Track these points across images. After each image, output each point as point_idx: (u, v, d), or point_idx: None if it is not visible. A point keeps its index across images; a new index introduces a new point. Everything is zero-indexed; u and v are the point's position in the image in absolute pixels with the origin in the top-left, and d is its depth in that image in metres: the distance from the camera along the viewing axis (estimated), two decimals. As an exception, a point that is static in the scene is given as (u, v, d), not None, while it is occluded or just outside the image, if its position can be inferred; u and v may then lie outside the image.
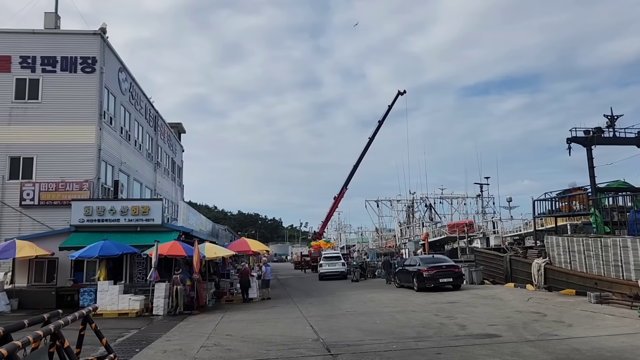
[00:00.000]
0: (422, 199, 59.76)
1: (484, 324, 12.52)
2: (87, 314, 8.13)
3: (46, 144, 24.56)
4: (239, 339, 12.32)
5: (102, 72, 25.81)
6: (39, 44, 25.59)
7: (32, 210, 23.85)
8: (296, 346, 10.88)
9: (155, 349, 11.36)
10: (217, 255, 21.30)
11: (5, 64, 25.07)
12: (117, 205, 22.38)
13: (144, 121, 34.37)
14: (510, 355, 8.89)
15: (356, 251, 61.14)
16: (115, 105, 28.07)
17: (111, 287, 18.69)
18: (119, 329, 14.62)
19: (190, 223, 26.53)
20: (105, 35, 26.49)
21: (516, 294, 19.61)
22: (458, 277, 22.80)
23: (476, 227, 52.67)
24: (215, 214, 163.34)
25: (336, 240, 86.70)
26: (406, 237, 54.29)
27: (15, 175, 24.33)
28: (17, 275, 20.96)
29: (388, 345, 10.38)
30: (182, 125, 51.11)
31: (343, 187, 61.10)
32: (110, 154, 26.71)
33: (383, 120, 60.96)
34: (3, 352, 5.24)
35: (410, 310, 16.36)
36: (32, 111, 24.89)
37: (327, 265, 36.63)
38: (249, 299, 22.56)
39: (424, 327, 12.58)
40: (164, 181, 39.82)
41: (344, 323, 14.11)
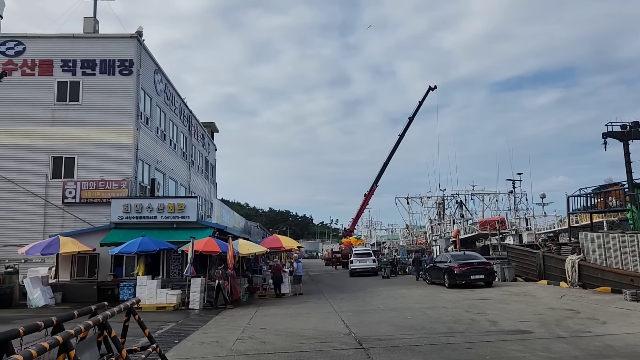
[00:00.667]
0: (452, 196, 59.24)
1: (516, 321, 12.55)
2: (131, 306, 8.59)
3: (87, 144, 25.53)
4: (272, 332, 12.68)
5: (139, 74, 26.65)
6: (79, 47, 26.60)
7: (74, 208, 24.85)
8: (329, 340, 11.17)
9: (193, 341, 11.82)
10: (250, 252, 21.78)
11: (48, 67, 26.15)
12: (154, 202, 23.10)
13: (179, 121, 35.23)
14: (541, 350, 8.97)
15: (387, 248, 61.00)
16: (152, 106, 28.92)
17: (149, 281, 19.37)
18: (157, 322, 15.18)
19: (224, 220, 27.14)
20: (142, 38, 27.32)
21: (549, 291, 19.45)
22: (490, 274, 22.71)
23: (508, 224, 52.02)
24: (247, 211, 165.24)
25: (367, 237, 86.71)
26: (437, 234, 53.93)
27: (58, 175, 25.38)
28: (61, 270, 21.89)
29: (419, 340, 10.57)
30: (214, 125, 52.05)
31: (373, 184, 61.07)
32: (146, 153, 27.55)
33: (413, 117, 60.66)
34: (59, 339, 5.69)
35: (441, 306, 16.46)
36: (73, 113, 25.90)
37: (357, 262, 36.86)
38: (282, 294, 23.00)
39: (455, 323, 12.70)
40: (197, 179, 40.72)
41: (375, 318, 14.33)
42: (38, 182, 25.04)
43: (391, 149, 60.93)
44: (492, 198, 64.09)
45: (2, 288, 20.30)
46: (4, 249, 23.22)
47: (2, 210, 24.42)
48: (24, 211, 24.61)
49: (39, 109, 25.65)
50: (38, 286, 19.89)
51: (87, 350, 6.86)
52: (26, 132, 25.32)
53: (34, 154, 25.25)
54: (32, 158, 25.20)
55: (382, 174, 61.02)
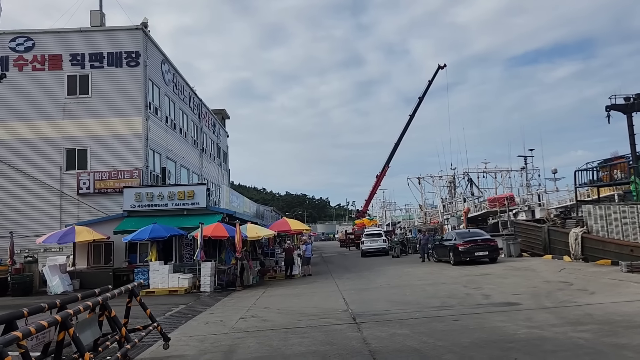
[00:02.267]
0: (464, 174, 59.26)
1: (509, 294, 12.95)
2: (133, 288, 9.21)
3: (98, 136, 26.28)
4: (275, 311, 13.29)
5: (146, 65, 27.19)
6: (87, 41, 27.20)
7: (88, 198, 25.70)
8: (326, 316, 11.71)
9: (198, 321, 12.47)
10: (258, 235, 22.38)
11: (57, 62, 26.84)
12: (165, 191, 23.80)
13: (188, 109, 35.81)
14: (523, 320, 9.38)
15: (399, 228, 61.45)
16: (160, 95, 29.50)
17: (162, 267, 20.15)
18: (168, 304, 15.91)
19: (234, 205, 27.78)
20: (147, 29, 27.81)
21: (550, 265, 19.75)
22: (494, 250, 23.03)
23: (520, 200, 51.94)
24: (263, 196, 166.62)
25: (381, 218, 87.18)
26: (449, 212, 54.18)
27: (72, 166, 26.21)
28: (78, 258, 22.79)
29: (411, 314, 11.04)
30: (225, 112, 52.60)
31: (385, 165, 61.29)
32: (157, 143, 28.22)
33: (423, 97, 60.50)
34: (58, 318, 6.30)
35: (442, 282, 16.91)
36: (83, 105, 26.61)
37: (368, 242, 37.37)
38: (292, 275, 23.67)
39: (450, 298, 13.15)
40: (210, 166, 41.43)
41: (375, 295, 14.84)
42: (53, 174, 25.91)
43: (402, 130, 61.01)
44: (505, 175, 63.99)
45: (22, 277, 21.30)
46: (24, 239, 24.17)
47: (20, 202, 25.37)
48: (41, 202, 25.54)
49: (50, 102, 26.41)
50: (56, 274, 20.79)
51: (88, 328, 7.49)
52: (39, 126, 26.13)
53: (48, 147, 26.08)
54: (46, 151, 26.04)
55: (393, 155, 61.21)
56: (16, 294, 20.78)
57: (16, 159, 25.68)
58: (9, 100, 26.10)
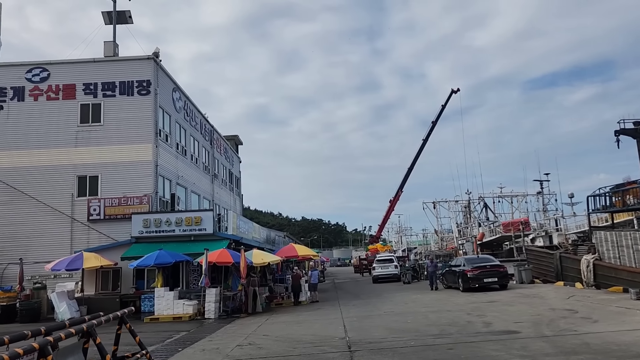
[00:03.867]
0: (479, 199, 58.60)
1: (510, 322, 12.67)
2: (122, 315, 9.24)
3: (109, 163, 26.70)
4: (273, 338, 13.16)
5: (157, 93, 27.73)
6: (100, 71, 27.88)
7: (98, 224, 25.98)
8: (322, 344, 11.56)
9: (195, 348, 12.40)
10: (264, 262, 22.30)
11: (71, 91, 27.52)
12: (172, 217, 23.98)
13: (200, 136, 36.28)
14: (517, 349, 9.16)
15: (413, 253, 60.74)
16: (171, 123, 29.98)
17: (167, 293, 20.16)
18: (170, 332, 15.87)
19: (241, 231, 27.81)
20: (159, 59, 28.44)
21: (560, 292, 19.30)
22: (503, 277, 22.60)
23: (537, 225, 51.06)
24: (279, 221, 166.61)
25: (397, 243, 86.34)
26: (464, 237, 53.49)
27: (83, 193, 26.60)
28: (86, 284, 22.93)
29: (407, 342, 10.86)
30: (238, 137, 53.14)
31: (398, 190, 61.11)
32: (167, 169, 28.55)
33: (437, 121, 60.54)
34: (35, 345, 6.32)
35: (446, 310, 16.62)
36: (95, 133, 27.14)
37: (380, 268, 37.00)
38: (299, 302, 23.50)
39: (450, 325, 12.91)
40: (221, 192, 41.69)
41: (377, 323, 14.64)
42: (65, 201, 26.30)
43: (415, 154, 60.97)
44: (521, 200, 63.08)
45: (30, 303, 21.51)
46: (34, 265, 24.45)
47: (31, 228, 25.75)
48: (52, 229, 25.88)
49: (63, 131, 26.99)
50: (64, 300, 20.91)
51: (71, 356, 7.49)
52: (52, 154, 26.67)
53: (60, 174, 26.55)
54: (58, 178, 26.51)
55: (406, 180, 61.08)
56: (24, 320, 20.94)
57: (28, 186, 26.16)
58: (24, 128, 26.76)
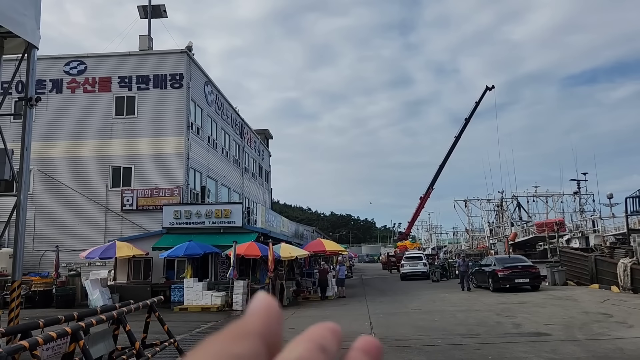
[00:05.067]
0: (512, 198, 57.38)
1: (541, 324, 12.39)
2: (152, 304, 9.41)
3: (142, 155, 27.19)
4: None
5: (189, 86, 28.08)
6: (134, 64, 28.40)
7: (131, 215, 26.54)
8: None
9: (222, 339, 12.53)
10: (291, 255, 22.41)
11: (107, 84, 28.12)
12: (202, 209, 24.28)
13: (230, 129, 36.61)
14: (547, 352, 8.95)
15: (443, 252, 60.05)
16: (202, 116, 30.34)
17: (196, 284, 20.47)
18: (199, 322, 16.12)
19: (270, 225, 27.98)
20: (192, 52, 28.79)
21: (595, 296, 18.77)
22: (535, 278, 22.11)
23: (573, 226, 49.73)
24: (308, 215, 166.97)
25: (426, 241, 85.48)
26: (496, 237, 52.53)
27: (117, 184, 27.19)
28: (119, 272, 23.47)
29: (433, 341, 10.74)
30: (269, 132, 53.44)
31: (429, 187, 60.44)
32: (198, 162, 28.93)
33: (470, 118, 59.52)
34: (68, 330, 6.49)
35: (475, 309, 16.37)
36: (129, 125, 27.69)
37: (408, 266, 36.71)
38: (326, 297, 23.54)
39: (478, 325, 12.71)
40: (251, 185, 42.04)
41: (403, 320, 14.53)
42: (99, 191, 26.94)
43: (447, 151, 60.18)
44: (556, 199, 61.53)
45: (65, 289, 22.15)
46: (70, 253, 25.12)
47: (68, 217, 26.46)
48: (87, 218, 26.56)
49: (99, 122, 27.60)
50: (97, 288, 21.43)
51: (102, 341, 7.68)
52: (88, 145, 27.31)
53: (95, 165, 27.19)
54: (93, 169, 27.15)
55: (437, 177, 60.36)
56: (59, 305, 21.56)
57: (65, 176, 26.86)
58: (62, 120, 27.43)
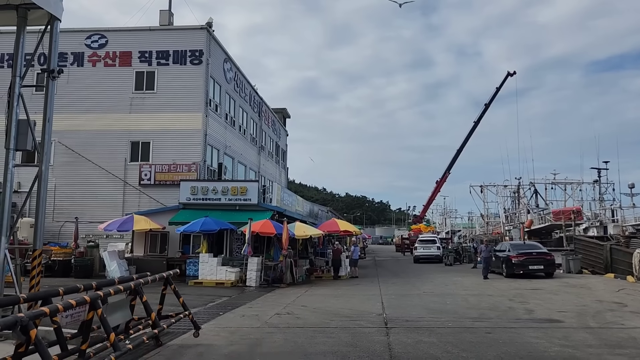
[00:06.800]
0: (530, 185, 56.76)
1: (554, 311, 12.36)
2: (168, 276, 9.58)
3: (160, 130, 27.39)
4: (311, 309, 13.37)
5: (208, 63, 28.08)
6: (155, 39, 28.45)
7: (148, 189, 26.88)
8: (359, 319, 11.66)
9: (235, 314, 12.76)
10: (306, 234, 22.57)
11: (127, 58, 28.25)
12: (219, 185, 24.49)
13: (248, 107, 36.64)
14: (558, 338, 8.95)
15: (457, 236, 59.88)
16: (221, 93, 30.39)
17: (211, 259, 20.77)
18: (213, 296, 16.37)
19: (285, 203, 28.14)
20: (212, 29, 28.72)
21: (609, 285, 18.64)
22: (550, 265, 22.00)
23: (592, 214, 49.13)
24: (323, 196, 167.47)
25: (441, 225, 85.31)
26: (511, 223, 52.19)
27: (135, 158, 27.49)
28: (135, 245, 23.87)
29: (444, 323, 10.80)
30: (286, 111, 53.37)
31: (446, 172, 60.08)
32: (215, 139, 29.08)
33: (490, 103, 58.77)
34: (87, 298, 6.66)
35: (487, 294, 16.38)
36: (149, 100, 27.85)
37: (421, 249, 36.79)
38: (338, 276, 23.72)
39: (490, 310, 12.74)
40: (267, 164, 42.20)
41: (415, 302, 14.61)
42: (118, 165, 27.26)
43: (465, 136, 59.69)
44: (575, 187, 60.71)
45: (84, 260, 22.66)
46: (89, 225, 25.58)
47: (87, 189, 26.86)
48: (106, 191, 26.94)
49: (119, 97, 27.78)
50: (115, 259, 21.85)
51: (119, 310, 7.86)
52: (108, 119, 27.57)
53: (115, 139, 27.47)
54: (113, 142, 27.44)
55: (454, 162, 59.94)
56: (78, 275, 22.07)
57: (85, 149, 27.18)
58: (82, 93, 27.60)
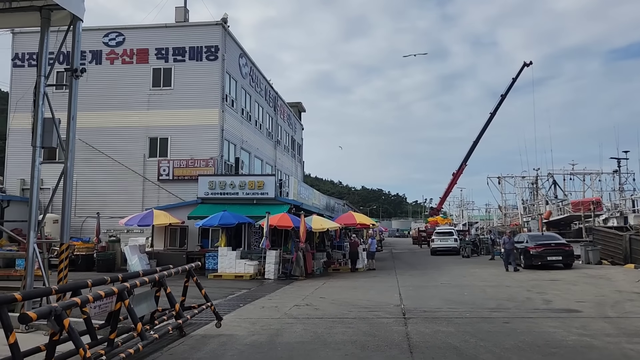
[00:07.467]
0: (548, 175, 56.17)
1: (572, 301, 12.38)
2: (190, 269, 9.82)
3: (178, 126, 27.74)
4: (329, 301, 13.55)
5: (224, 59, 28.29)
6: (171, 36, 28.73)
7: (167, 184, 27.27)
8: (377, 310, 11.80)
9: (255, 305, 13.00)
10: (323, 227, 22.75)
11: (144, 55, 28.60)
12: (236, 180, 24.78)
13: (264, 102, 36.85)
14: (576, 328, 9.00)
15: (474, 228, 59.54)
16: (237, 88, 30.62)
17: (229, 252, 21.08)
18: (232, 289, 16.65)
19: (302, 197, 28.31)
20: (227, 24, 28.91)
21: (629, 275, 18.51)
22: (568, 256, 21.90)
23: (612, 205, 48.53)
24: (339, 189, 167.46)
25: (458, 217, 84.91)
26: (529, 215, 51.78)
27: (154, 154, 27.89)
28: (156, 239, 24.30)
29: (462, 314, 10.89)
30: (302, 105, 53.46)
31: (462, 164, 59.76)
32: (232, 134, 29.35)
33: (506, 94, 58.20)
34: (114, 289, 6.91)
35: (505, 285, 16.40)
36: (166, 97, 28.19)
37: (439, 241, 36.74)
38: (356, 268, 23.89)
39: (508, 300, 12.79)
40: (284, 158, 42.42)
41: (432, 293, 14.71)
42: (137, 161, 27.68)
43: (482, 128, 59.26)
44: (594, 178, 59.94)
45: (106, 254, 23.15)
46: (110, 220, 26.05)
47: (107, 185, 27.34)
48: (126, 186, 27.40)
49: (137, 94, 28.19)
50: (136, 253, 22.27)
51: (144, 301, 8.12)
52: (126, 116, 27.98)
53: (133, 135, 27.89)
54: (132, 139, 27.86)
55: (471, 153, 59.58)
56: (101, 269, 22.56)
57: (105, 146, 27.64)
58: (101, 91, 27.98)
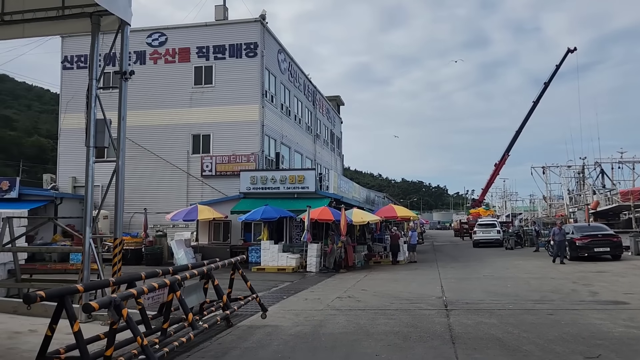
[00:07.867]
0: (595, 164, 54.38)
1: (619, 293, 12.14)
2: (236, 262, 10.18)
3: (219, 122, 28.40)
4: (371, 293, 13.72)
5: (263, 55, 28.73)
6: (211, 34, 29.38)
7: (210, 180, 27.99)
8: (419, 301, 11.90)
9: (299, 297, 13.31)
10: (363, 220, 22.87)
11: (186, 55, 29.35)
12: (277, 174, 25.18)
13: (303, 97, 37.17)
14: (623, 319, 8.87)
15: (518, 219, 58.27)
16: (276, 84, 31.03)
17: (272, 246, 21.50)
18: (275, 281, 17.03)
19: (342, 190, 28.49)
20: (265, 21, 29.30)
21: (682, 267, 17.90)
22: (617, 247, 21.30)
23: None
24: (379, 182, 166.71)
25: (501, 208, 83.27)
26: (576, 205, 50.31)
27: (197, 151, 28.66)
28: (200, 234, 25.01)
29: (505, 305, 10.87)
30: (340, 98, 53.54)
31: (505, 154, 58.52)
32: (272, 129, 29.80)
33: (549, 82, 56.52)
34: (167, 281, 7.29)
35: (550, 277, 16.16)
36: (207, 94, 28.89)
37: (481, 233, 36.25)
38: (397, 261, 23.95)
39: (553, 292, 12.64)
40: (323, 152, 42.69)
41: (475, 285, 14.66)
42: (181, 157, 28.54)
43: (524, 117, 57.86)
44: (645, 166, 57.63)
45: (154, 248, 24.01)
46: (157, 215, 26.98)
47: (153, 181, 28.29)
48: (171, 183, 28.29)
49: (179, 92, 29.00)
50: (182, 248, 23.00)
51: (194, 293, 8.51)
52: (170, 114, 28.83)
53: (177, 133, 28.73)
54: (175, 136, 28.71)
55: (514, 143, 58.29)
56: (149, 263, 23.43)
57: (150, 143, 28.56)
58: (145, 90, 28.87)
